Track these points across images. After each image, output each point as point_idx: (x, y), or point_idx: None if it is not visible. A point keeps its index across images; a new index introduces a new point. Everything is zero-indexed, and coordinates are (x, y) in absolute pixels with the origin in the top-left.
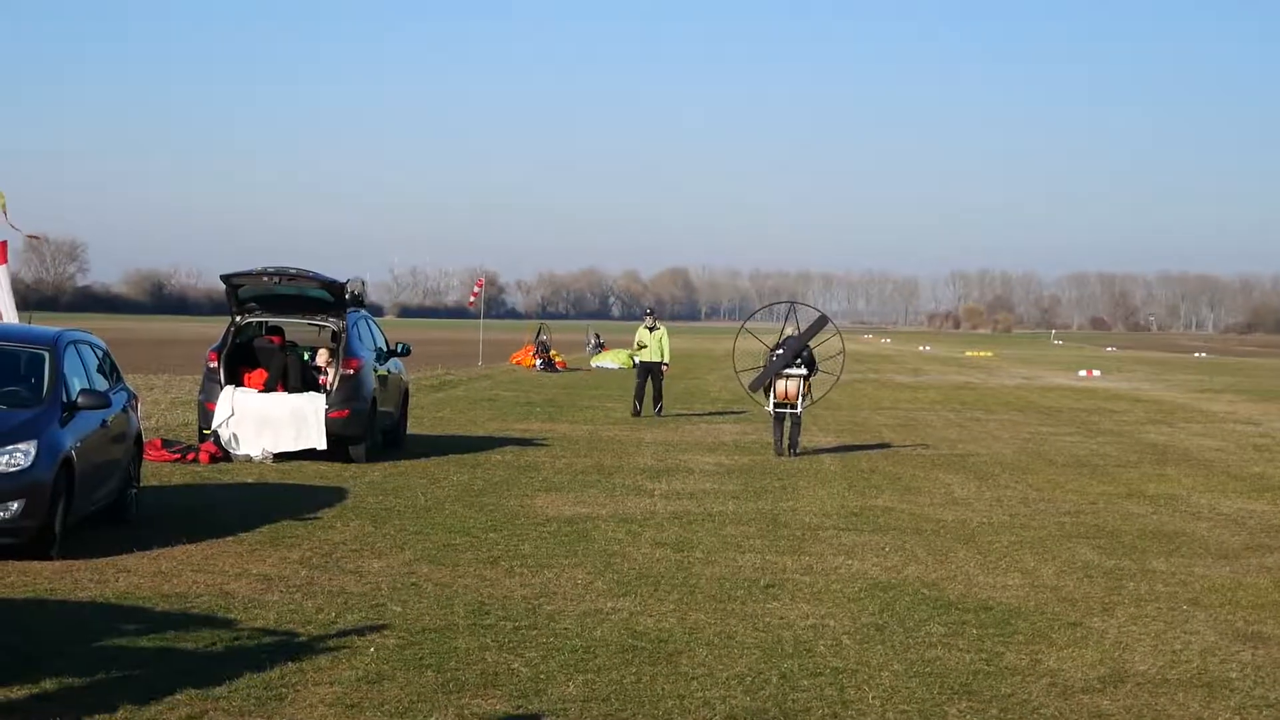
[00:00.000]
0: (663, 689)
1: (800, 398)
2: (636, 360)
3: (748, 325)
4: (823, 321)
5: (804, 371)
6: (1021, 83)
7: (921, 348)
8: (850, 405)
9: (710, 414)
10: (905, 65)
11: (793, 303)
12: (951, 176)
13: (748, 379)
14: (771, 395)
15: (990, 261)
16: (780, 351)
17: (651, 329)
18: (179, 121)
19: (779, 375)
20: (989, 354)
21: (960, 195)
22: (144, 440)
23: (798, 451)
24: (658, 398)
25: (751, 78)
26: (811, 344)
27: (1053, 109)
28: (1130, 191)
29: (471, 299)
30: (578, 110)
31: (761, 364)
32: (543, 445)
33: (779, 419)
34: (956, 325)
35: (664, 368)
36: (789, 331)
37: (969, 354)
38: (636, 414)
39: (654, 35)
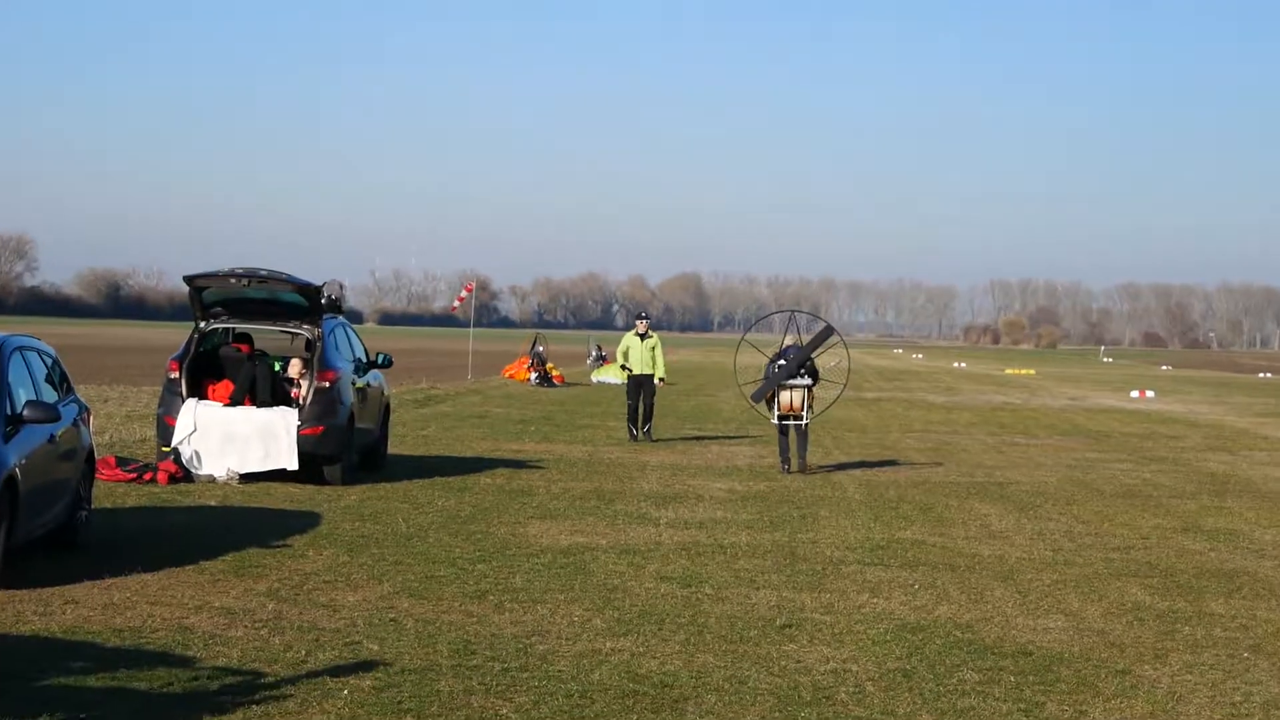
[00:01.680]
0: None
1: (805, 409)
2: (628, 372)
3: (749, 337)
4: (828, 332)
5: (809, 382)
6: (1069, 76)
7: (956, 364)
8: (877, 427)
9: (722, 436)
10: (941, 57)
11: (793, 311)
12: (991, 176)
13: (751, 393)
14: (775, 408)
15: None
16: (783, 362)
17: (644, 336)
18: (139, 109)
19: (782, 386)
20: (1031, 372)
21: (1001, 197)
22: (96, 458)
23: (806, 468)
24: (647, 417)
25: (767, 69)
26: (815, 356)
27: (1102, 104)
28: (1188, 195)
29: (456, 304)
30: (578, 102)
31: (763, 376)
32: (537, 468)
33: (784, 432)
34: (995, 340)
35: (659, 382)
36: (789, 341)
37: (1009, 371)
38: (634, 438)
39: (660, 25)
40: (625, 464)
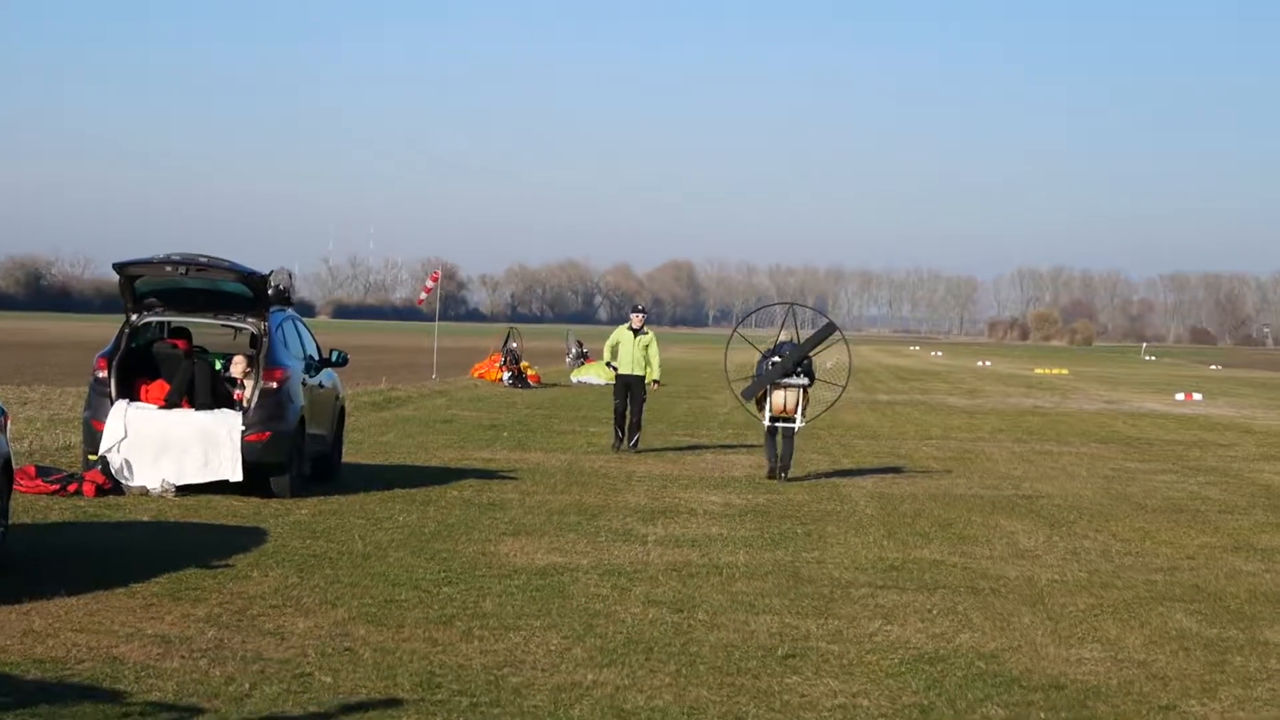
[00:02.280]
0: None
1: (799, 412)
2: (614, 371)
3: (742, 331)
4: (829, 329)
5: (805, 381)
6: (1105, 46)
7: (980, 363)
8: (892, 433)
9: (717, 445)
10: (964, 24)
11: (792, 304)
12: (1018, 154)
13: (742, 390)
14: (767, 408)
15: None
16: (777, 359)
17: (638, 332)
18: (63, 76)
19: (776, 385)
20: (1063, 371)
21: (1029, 176)
22: (14, 468)
23: (789, 475)
24: (635, 425)
25: (767, 32)
26: (813, 354)
27: (1142, 74)
28: (1240, 174)
29: (422, 296)
30: (557, 69)
31: (755, 373)
32: (510, 478)
33: (772, 434)
34: (1024, 335)
35: (654, 385)
36: (784, 337)
37: (1039, 371)
38: (619, 446)
39: None
40: (609, 474)
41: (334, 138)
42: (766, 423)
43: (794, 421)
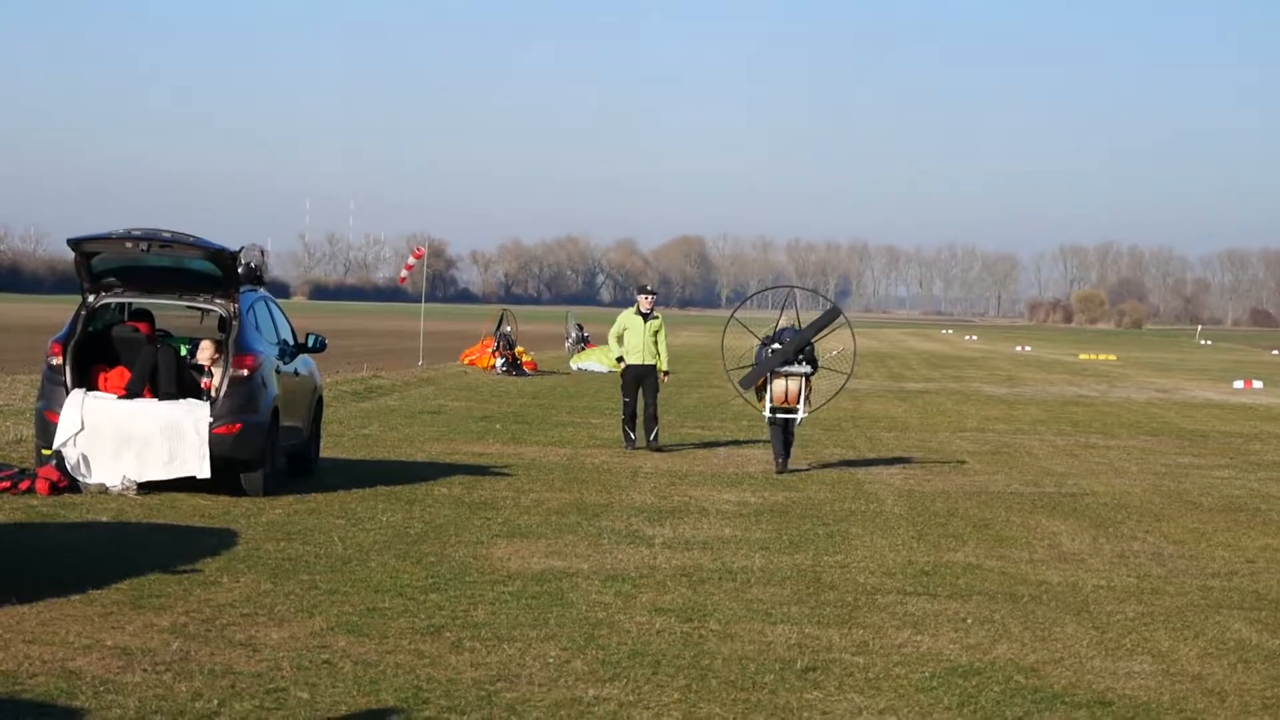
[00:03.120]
0: None
1: (802, 402)
2: (622, 362)
3: (739, 316)
4: (834, 314)
5: (808, 369)
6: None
7: (1019, 348)
8: (922, 424)
9: (731, 441)
10: None
11: (792, 287)
12: (1059, 121)
13: (740, 379)
14: (768, 398)
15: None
16: (777, 345)
17: (647, 316)
18: (15, 34)
19: (776, 374)
20: (1111, 357)
21: (1072, 145)
22: None
23: (788, 467)
24: (652, 419)
25: None
26: (815, 340)
27: (1199, 32)
28: None
29: (404, 274)
30: (554, 26)
31: (754, 361)
32: (504, 475)
33: (774, 425)
34: (1067, 318)
35: (664, 376)
36: (785, 322)
37: (1084, 357)
38: (631, 444)
39: None
40: (612, 470)
41: (311, 101)
42: (767, 414)
43: (796, 412)
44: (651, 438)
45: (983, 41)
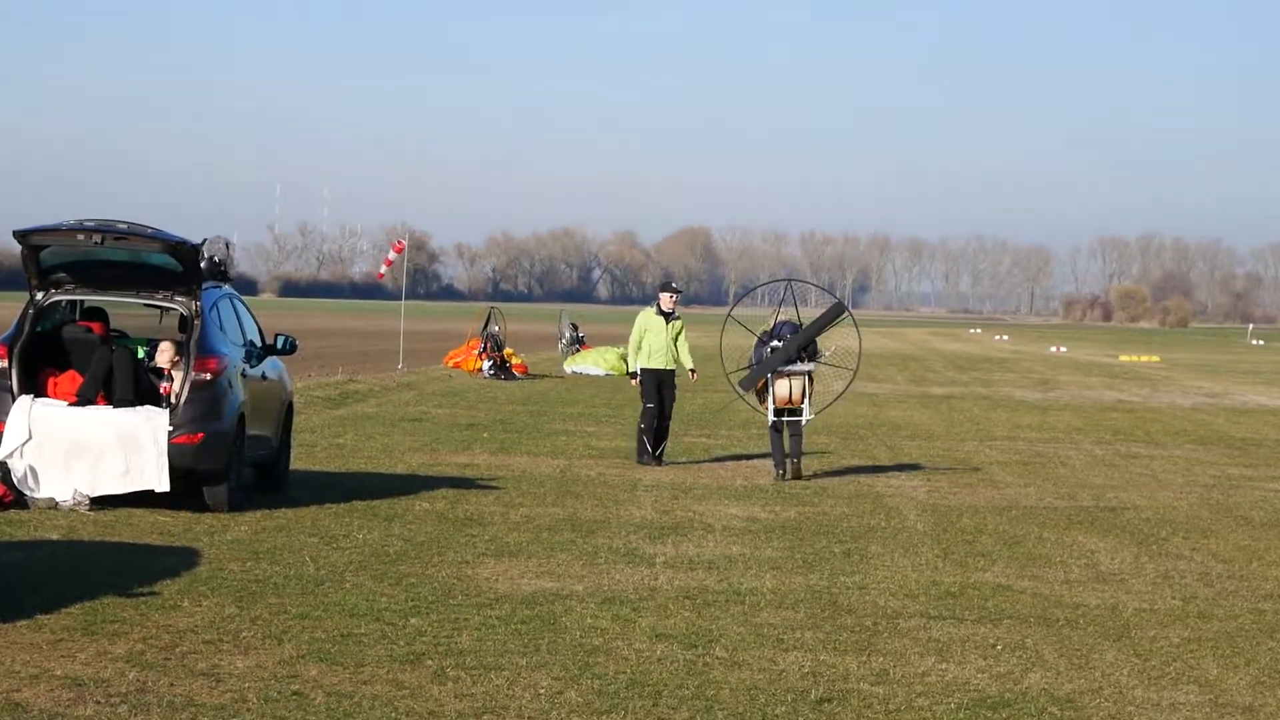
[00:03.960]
0: None
1: (806, 402)
2: (636, 366)
3: (737, 313)
4: (838, 310)
5: (811, 367)
6: None
7: (1054, 349)
8: (947, 432)
9: (740, 450)
10: None
11: (789, 280)
12: (1099, 103)
13: (740, 380)
14: (770, 399)
15: (1156, 223)
16: (777, 343)
17: (669, 316)
18: None
19: (779, 374)
20: (1154, 359)
21: (1111, 129)
22: None
23: (799, 473)
24: (664, 431)
25: None
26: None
27: (1240, 16)
28: None
29: (384, 269)
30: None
31: (751, 359)
32: (491, 488)
33: (778, 430)
34: (1106, 316)
35: (693, 375)
36: (783, 317)
37: (1124, 359)
38: (648, 457)
39: None
40: (609, 483)
41: (280, 82)
42: (771, 417)
43: (801, 414)
44: (657, 452)
45: (1013, 16)
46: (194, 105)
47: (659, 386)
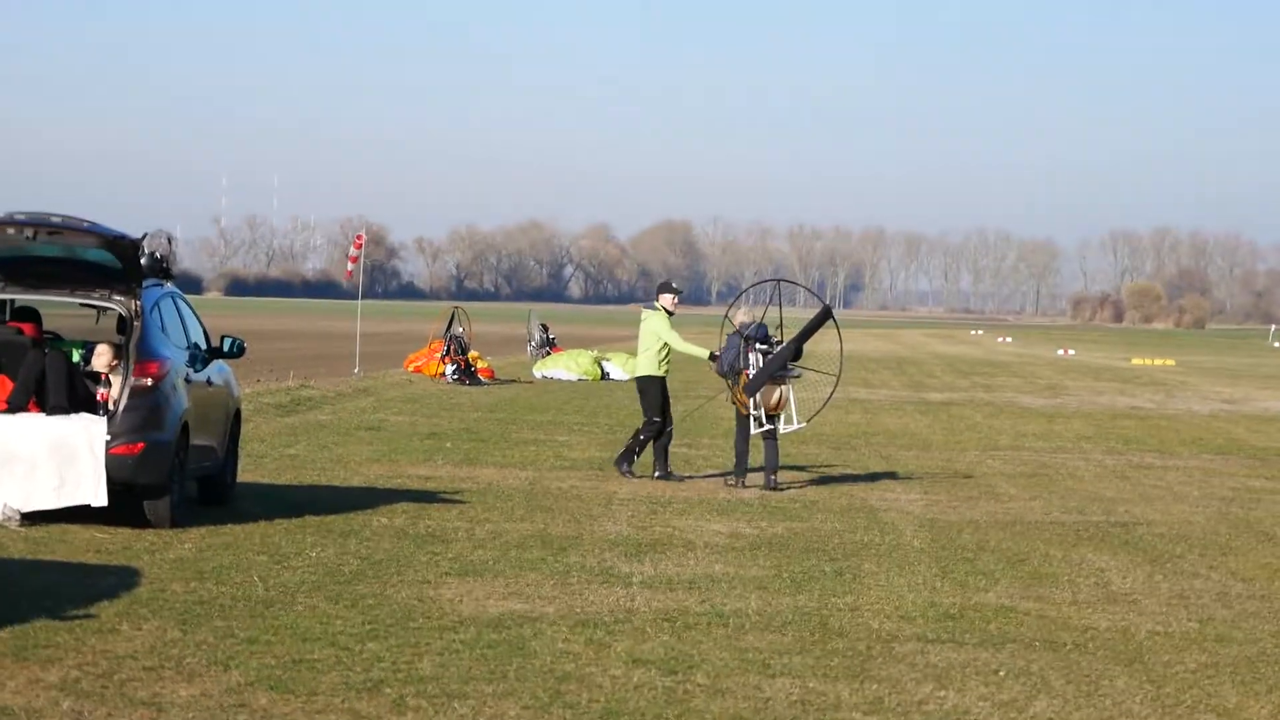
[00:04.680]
0: None
1: (791, 409)
2: (638, 372)
3: (733, 315)
4: (825, 315)
5: (799, 374)
6: None
7: (1061, 351)
8: (947, 442)
9: (721, 464)
10: None
11: (779, 280)
12: (1108, 86)
13: (747, 391)
14: (754, 404)
15: (1171, 217)
16: (762, 347)
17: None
18: None
19: (773, 379)
20: (1169, 362)
21: (1122, 113)
22: None
23: (775, 484)
24: (666, 441)
25: None
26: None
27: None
28: None
29: (350, 268)
30: None
31: (726, 346)
32: (455, 502)
33: (745, 433)
34: (1118, 316)
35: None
36: (746, 316)
37: (1137, 362)
38: (671, 474)
39: None
40: (583, 496)
41: (226, 62)
42: (764, 425)
43: (777, 421)
44: (664, 467)
45: (1019, 3)
46: (131, 86)
47: (663, 393)
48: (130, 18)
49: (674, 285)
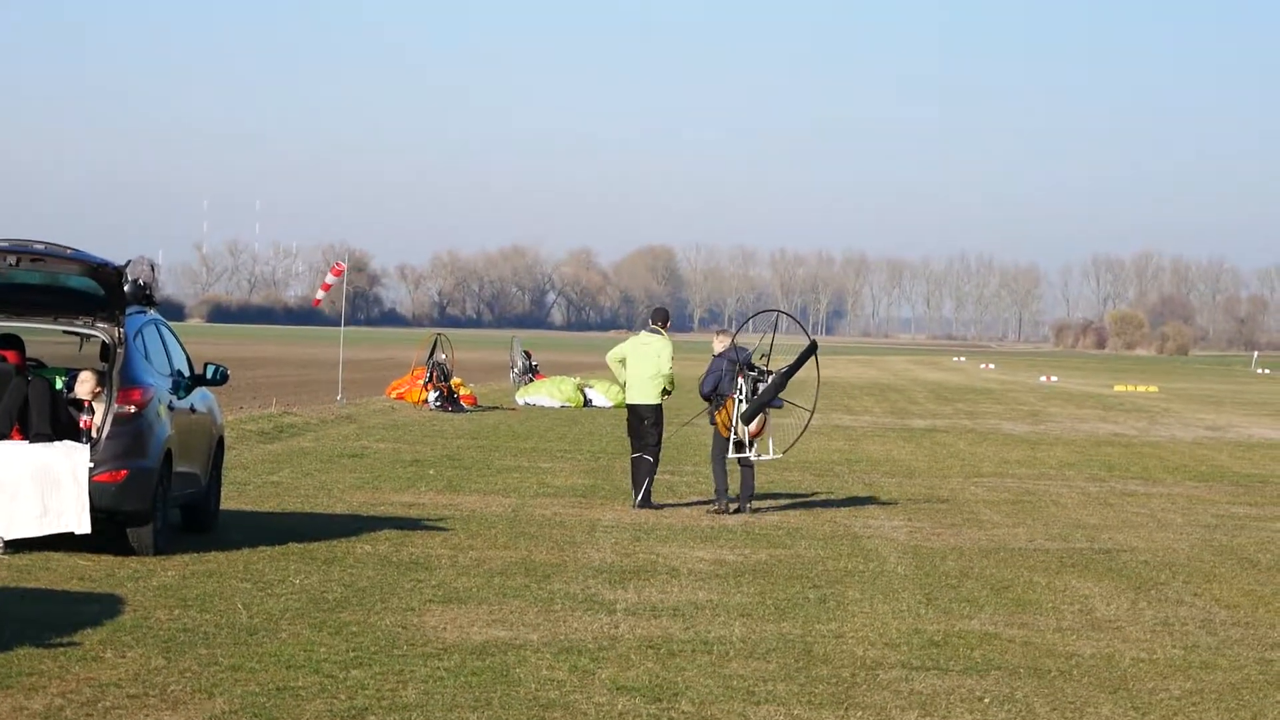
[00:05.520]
0: None
1: (767, 438)
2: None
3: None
4: (812, 350)
5: (780, 403)
6: None
7: (1044, 378)
8: (930, 469)
9: (705, 495)
10: None
11: (778, 312)
12: (1090, 111)
13: (744, 418)
14: (734, 431)
15: (1154, 242)
16: (754, 375)
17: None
18: None
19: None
20: (1152, 389)
21: (1104, 140)
22: None
23: (751, 508)
24: (643, 471)
25: None
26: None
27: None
28: None
29: (320, 295)
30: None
31: (710, 371)
32: (438, 529)
33: (723, 456)
34: (1100, 343)
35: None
36: (731, 341)
37: (1120, 389)
38: (646, 502)
39: None
40: (566, 524)
41: (207, 87)
42: (749, 454)
43: (752, 449)
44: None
45: (1000, 24)
46: (111, 110)
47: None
48: (109, 41)
49: (663, 309)
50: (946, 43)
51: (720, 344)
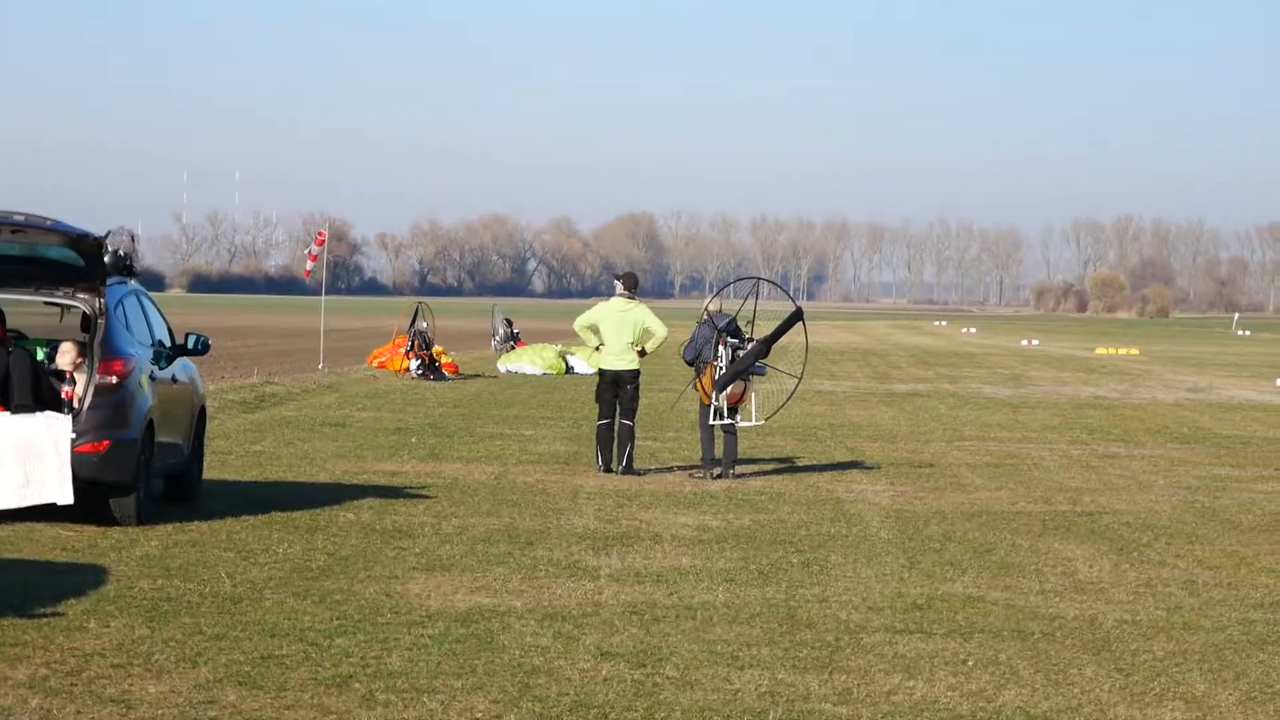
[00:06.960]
0: None
1: (751, 404)
2: (603, 366)
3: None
4: (797, 317)
5: (763, 370)
6: None
7: (1025, 341)
8: (912, 433)
9: (690, 459)
10: None
11: (758, 279)
12: (1069, 74)
13: (717, 386)
14: (715, 396)
15: (1134, 205)
16: (737, 343)
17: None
18: None
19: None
20: (1133, 352)
21: (1085, 104)
22: None
23: (734, 473)
24: (626, 437)
25: None
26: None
27: None
28: None
29: (309, 265)
30: None
31: (695, 339)
32: (422, 497)
33: (709, 427)
34: (1081, 306)
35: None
36: (717, 306)
37: (1101, 351)
38: (607, 468)
39: None
40: (549, 491)
41: (185, 56)
42: (727, 419)
43: (736, 415)
44: (625, 462)
45: None
46: (90, 82)
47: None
48: (89, 12)
49: (620, 276)
50: (925, 5)
51: (712, 308)
